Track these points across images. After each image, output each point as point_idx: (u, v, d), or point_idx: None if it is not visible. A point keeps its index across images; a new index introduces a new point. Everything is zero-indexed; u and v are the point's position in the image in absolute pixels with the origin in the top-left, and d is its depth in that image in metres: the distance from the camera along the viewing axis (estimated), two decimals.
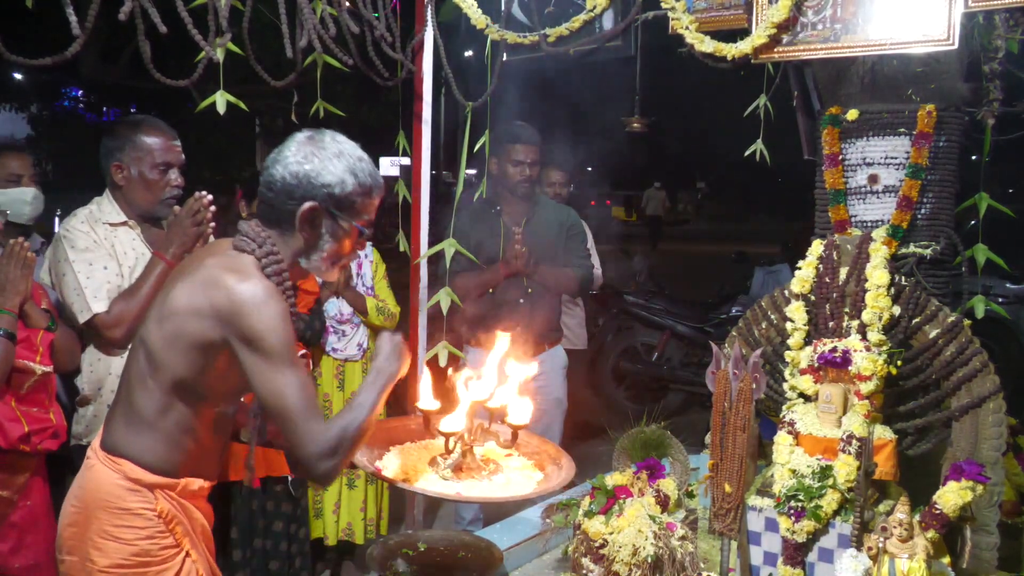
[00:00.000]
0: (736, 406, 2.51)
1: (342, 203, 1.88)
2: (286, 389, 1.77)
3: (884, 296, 2.63)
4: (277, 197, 1.88)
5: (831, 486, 2.48)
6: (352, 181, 1.87)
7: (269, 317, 1.77)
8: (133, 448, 1.89)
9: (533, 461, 2.23)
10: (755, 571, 2.61)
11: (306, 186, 1.85)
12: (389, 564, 2.78)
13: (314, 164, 1.85)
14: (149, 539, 1.88)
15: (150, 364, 1.87)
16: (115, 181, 2.86)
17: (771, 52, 2.69)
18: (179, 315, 1.82)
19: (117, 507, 1.87)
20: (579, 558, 2.50)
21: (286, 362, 1.78)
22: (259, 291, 1.78)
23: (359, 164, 1.89)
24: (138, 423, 1.89)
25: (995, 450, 2.59)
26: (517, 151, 3.97)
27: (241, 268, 1.82)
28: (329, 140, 1.90)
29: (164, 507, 1.90)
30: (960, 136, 2.82)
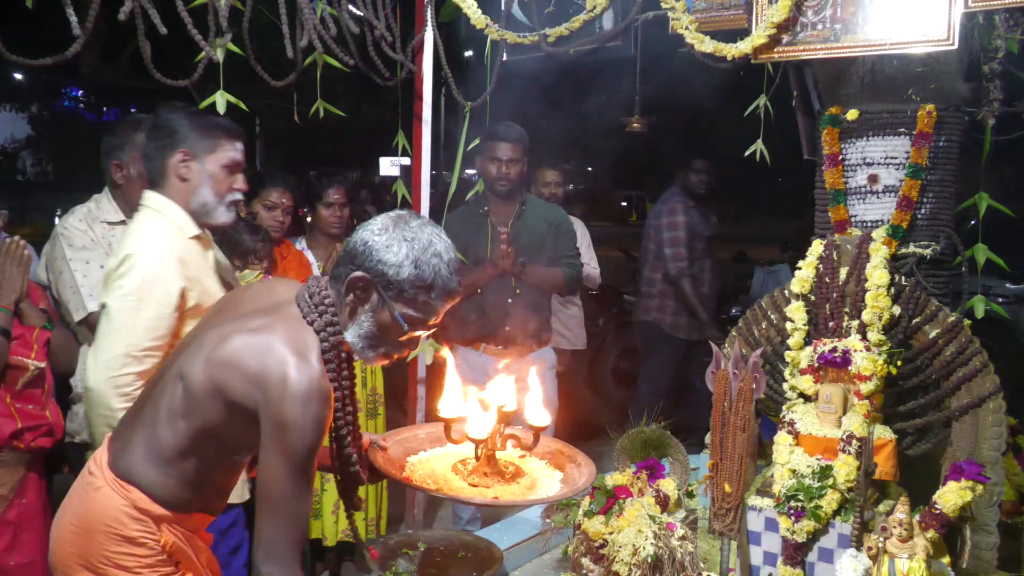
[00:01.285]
0: (736, 406, 2.51)
1: (392, 286, 1.81)
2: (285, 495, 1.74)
3: (884, 296, 2.63)
4: (343, 258, 1.85)
5: (831, 486, 2.48)
6: (410, 270, 1.79)
7: (307, 420, 1.71)
8: (147, 480, 1.85)
9: (547, 460, 2.24)
10: (755, 571, 2.61)
11: (365, 256, 1.80)
12: (390, 564, 2.78)
13: (383, 239, 1.80)
14: (151, 568, 1.85)
15: (185, 404, 1.82)
16: (114, 180, 2.86)
17: (771, 52, 2.69)
18: (228, 368, 1.76)
19: (120, 535, 1.84)
20: (579, 558, 2.49)
21: (300, 467, 1.73)
22: (312, 389, 1.72)
23: (430, 259, 1.81)
24: (157, 457, 1.85)
25: (995, 450, 2.59)
26: (496, 149, 3.92)
27: (303, 348, 1.76)
28: (414, 224, 1.83)
29: (168, 540, 1.87)
30: (960, 136, 2.82)
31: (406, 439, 2.27)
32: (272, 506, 1.73)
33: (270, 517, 1.74)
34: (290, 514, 1.74)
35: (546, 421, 2.15)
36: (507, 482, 2.08)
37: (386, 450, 2.12)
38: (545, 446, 2.25)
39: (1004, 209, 3.20)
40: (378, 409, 4.05)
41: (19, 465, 2.57)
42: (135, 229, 2.48)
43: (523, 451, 2.21)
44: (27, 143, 17.02)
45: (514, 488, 2.08)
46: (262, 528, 1.74)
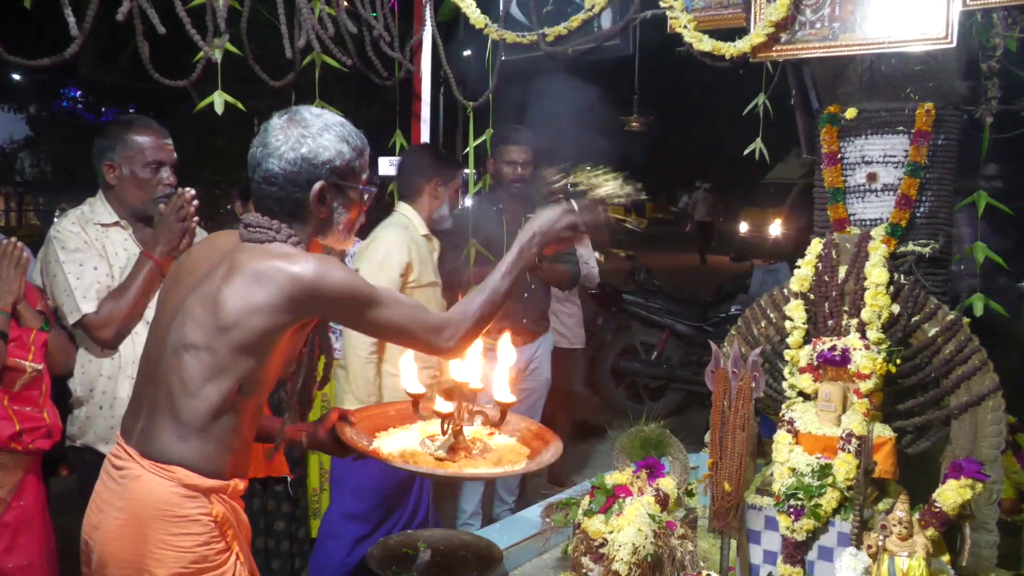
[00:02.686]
0: (735, 405, 2.51)
1: (345, 172, 1.90)
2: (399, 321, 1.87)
3: (883, 294, 2.63)
4: (282, 189, 1.86)
5: (830, 484, 2.48)
6: (347, 148, 1.89)
7: (343, 274, 1.81)
8: (186, 455, 1.84)
9: (516, 437, 2.25)
10: (755, 569, 2.61)
11: (308, 170, 1.85)
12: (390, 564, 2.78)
13: (309, 145, 1.85)
14: (206, 545, 1.84)
15: (212, 369, 1.81)
16: (107, 181, 2.85)
17: (769, 51, 2.69)
18: (242, 317, 1.77)
19: (175, 515, 1.82)
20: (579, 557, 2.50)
21: (381, 298, 1.85)
22: (315, 262, 1.80)
23: (344, 129, 1.92)
24: (188, 431, 1.84)
25: (994, 448, 2.59)
26: (510, 152, 4.08)
27: (280, 253, 1.82)
28: (310, 116, 1.90)
29: (219, 511, 1.87)
30: (959, 134, 2.82)
31: (375, 415, 2.26)
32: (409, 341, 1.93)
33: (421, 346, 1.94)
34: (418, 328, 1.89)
35: (512, 399, 2.15)
36: (474, 458, 2.08)
37: (355, 425, 2.12)
38: (514, 424, 2.26)
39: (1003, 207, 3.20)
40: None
41: (17, 467, 2.57)
42: (387, 222, 3.57)
43: (491, 428, 2.21)
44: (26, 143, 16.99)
45: (480, 463, 2.08)
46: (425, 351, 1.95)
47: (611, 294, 6.98)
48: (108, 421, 2.77)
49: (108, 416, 2.77)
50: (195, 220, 2.85)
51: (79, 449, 2.82)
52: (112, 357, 2.79)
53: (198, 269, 1.92)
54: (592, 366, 6.82)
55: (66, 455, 2.89)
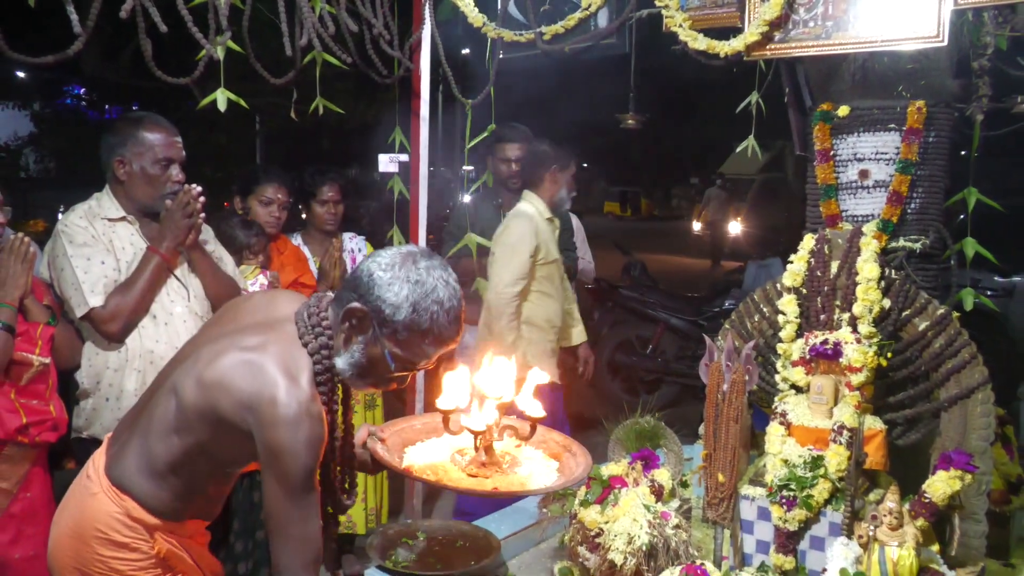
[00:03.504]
0: (729, 397, 2.52)
1: (387, 324, 1.77)
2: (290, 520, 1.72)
3: (874, 289, 2.64)
4: (348, 283, 1.83)
5: (822, 476, 2.49)
6: (407, 313, 1.75)
7: (298, 444, 1.68)
8: (140, 490, 1.84)
9: (543, 450, 2.24)
10: (748, 559, 2.62)
11: (367, 288, 1.77)
12: (389, 553, 2.79)
13: (387, 276, 1.76)
14: (143, 570, 1.85)
15: (178, 420, 1.80)
16: (117, 176, 2.84)
17: (763, 49, 2.69)
18: (220, 389, 1.74)
19: (113, 541, 1.83)
20: (575, 547, 2.50)
21: (298, 490, 1.71)
22: (302, 412, 1.69)
23: (430, 305, 1.76)
24: (149, 469, 1.84)
25: (983, 440, 2.59)
26: (505, 149, 4.08)
27: (293, 370, 1.73)
28: (423, 265, 1.78)
29: (162, 547, 1.86)
30: (949, 132, 2.82)
31: (403, 430, 2.27)
32: (280, 531, 1.73)
33: (281, 542, 1.73)
34: (298, 538, 1.72)
35: (542, 413, 2.15)
36: (504, 472, 2.08)
37: (385, 441, 2.12)
38: (541, 437, 2.25)
39: (993, 203, 3.20)
40: (376, 400, 4.07)
41: (24, 460, 2.57)
42: (517, 210, 4.02)
43: (520, 441, 2.21)
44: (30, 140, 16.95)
45: (511, 478, 2.08)
46: (276, 554, 1.74)
47: (607, 289, 6.98)
48: (114, 413, 2.77)
49: (115, 408, 2.78)
50: (201, 216, 2.86)
51: (85, 441, 2.82)
52: (119, 350, 2.79)
53: (242, 320, 1.89)
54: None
55: (72, 448, 2.89)
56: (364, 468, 2.14)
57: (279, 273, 3.66)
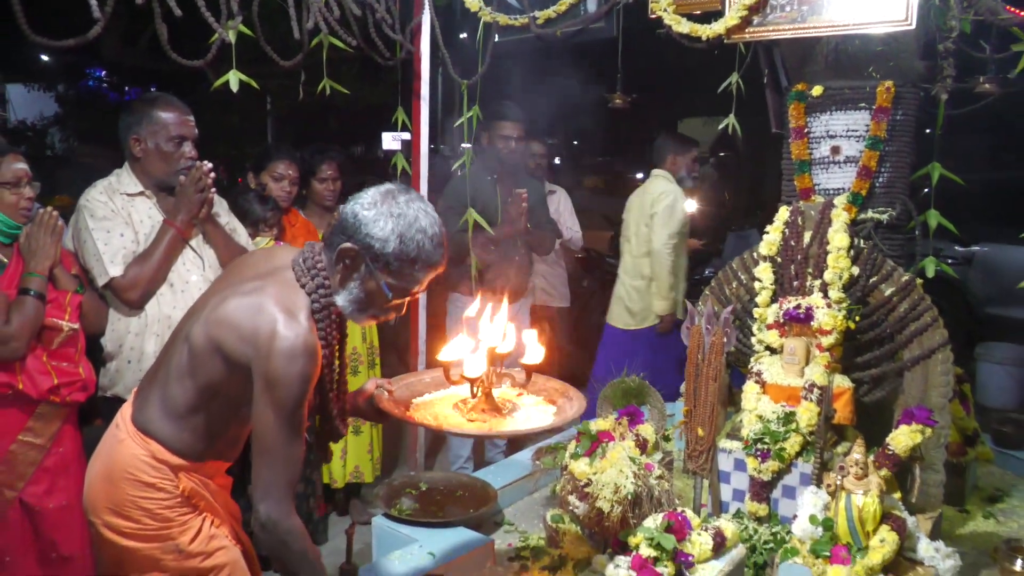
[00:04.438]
0: (708, 358, 2.52)
1: (378, 259, 1.77)
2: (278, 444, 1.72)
3: (844, 257, 2.64)
4: (336, 228, 1.82)
5: (794, 430, 2.51)
6: (395, 245, 1.75)
7: (295, 373, 1.69)
8: (163, 433, 1.86)
9: (543, 397, 2.23)
10: (725, 507, 2.64)
11: (355, 228, 1.77)
12: (394, 502, 2.81)
13: (371, 213, 1.76)
14: (169, 508, 1.87)
15: (190, 363, 1.82)
16: (133, 153, 2.82)
17: (742, 33, 2.66)
18: (224, 327, 1.75)
19: (142, 481, 1.85)
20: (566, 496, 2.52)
21: (289, 417, 1.72)
22: (298, 345, 1.69)
23: (414, 234, 1.76)
24: (171, 413, 1.86)
25: (943, 397, 2.61)
26: (504, 127, 4.04)
27: (292, 307, 1.74)
28: (402, 200, 1.78)
29: (187, 485, 1.88)
30: (916, 110, 2.80)
31: (412, 383, 2.26)
32: (266, 453, 1.73)
33: (265, 462, 1.73)
34: (283, 459, 1.73)
35: (538, 360, 2.13)
36: (504, 417, 2.07)
37: (392, 393, 2.12)
38: (539, 384, 2.24)
39: (955, 178, 3.19)
40: (375, 360, 4.07)
41: (56, 417, 2.57)
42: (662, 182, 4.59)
43: (519, 389, 2.20)
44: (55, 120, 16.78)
45: (510, 421, 2.07)
46: (258, 472, 1.74)
47: (595, 258, 6.97)
48: (136, 374, 2.78)
49: (136, 369, 2.78)
50: (212, 191, 2.83)
51: (110, 399, 2.83)
52: (139, 316, 2.79)
53: (245, 273, 1.88)
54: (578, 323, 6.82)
55: (99, 407, 2.90)
56: (368, 417, 2.14)
57: (291, 244, 3.64)
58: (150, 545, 1.87)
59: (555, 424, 2.05)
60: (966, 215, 6.25)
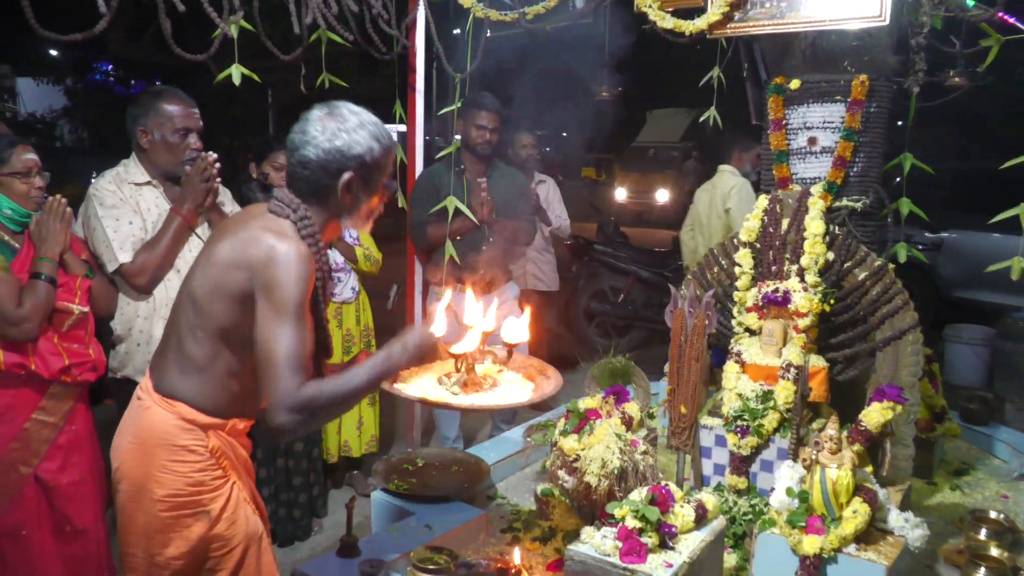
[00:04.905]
0: (691, 339, 2.53)
1: (371, 167, 1.83)
2: (280, 338, 1.69)
3: (820, 243, 2.64)
4: (314, 174, 1.81)
5: (772, 407, 2.52)
6: (377, 147, 1.81)
7: (292, 275, 1.71)
8: (187, 392, 1.85)
9: (522, 374, 2.22)
10: (706, 480, 2.66)
11: (340, 161, 1.79)
12: (392, 478, 2.82)
13: (344, 139, 1.79)
14: (202, 471, 1.86)
15: (197, 315, 1.82)
16: (140, 144, 2.80)
17: (724, 28, 2.65)
18: (220, 268, 1.77)
19: (174, 444, 1.84)
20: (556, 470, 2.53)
21: (290, 317, 1.70)
22: (292, 252, 1.72)
23: (377, 129, 1.84)
24: (190, 369, 1.85)
25: (913, 376, 2.62)
26: (480, 117, 3.86)
27: (280, 230, 1.77)
28: (348, 113, 1.82)
29: (214, 444, 1.88)
30: (889, 103, 2.80)
31: None
32: (272, 364, 1.68)
33: (273, 374, 1.68)
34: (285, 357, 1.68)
35: (518, 339, 2.13)
36: (485, 392, 2.06)
37: None
38: (519, 362, 2.23)
39: (926, 168, 3.20)
40: (371, 342, 4.04)
41: (68, 397, 2.56)
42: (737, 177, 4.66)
43: (499, 366, 2.19)
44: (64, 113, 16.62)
45: (491, 395, 2.06)
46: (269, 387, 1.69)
47: (583, 245, 6.96)
48: (145, 356, 2.77)
49: (145, 351, 2.77)
50: (217, 180, 2.82)
51: (119, 380, 2.82)
52: (147, 300, 2.77)
53: (228, 230, 1.88)
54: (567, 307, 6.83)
55: (109, 388, 2.89)
56: None
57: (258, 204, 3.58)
58: (182, 512, 1.85)
59: (532, 400, 2.04)
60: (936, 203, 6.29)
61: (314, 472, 3.72)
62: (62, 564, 2.53)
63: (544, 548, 2.51)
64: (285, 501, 3.61)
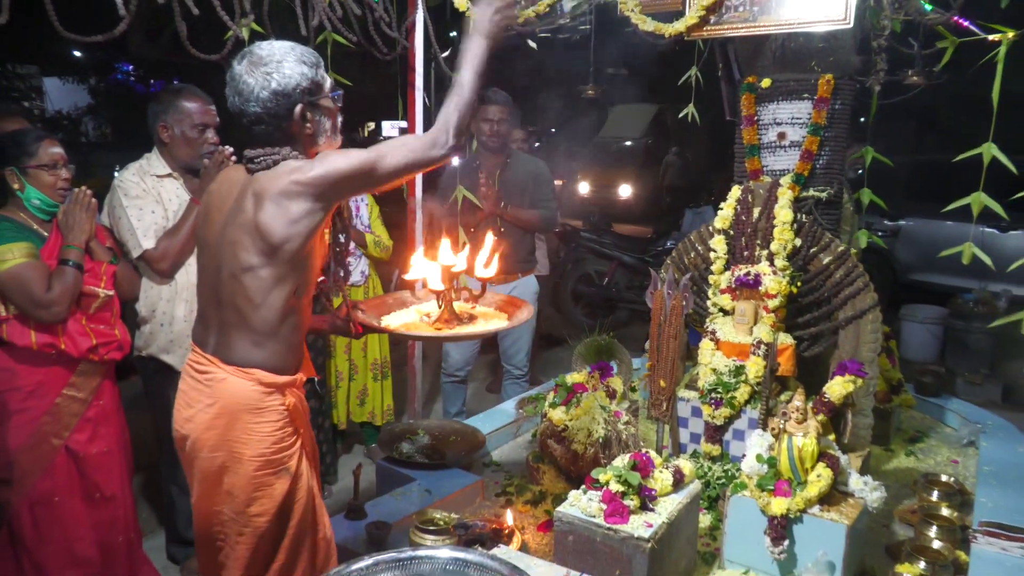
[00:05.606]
0: (670, 319, 2.53)
1: (313, 89, 1.75)
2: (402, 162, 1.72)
3: (788, 230, 2.64)
4: (268, 125, 1.74)
5: (743, 381, 2.53)
6: (307, 68, 1.73)
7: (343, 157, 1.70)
8: (262, 359, 1.81)
9: (494, 307, 2.18)
10: (684, 448, 2.67)
11: (284, 100, 1.72)
12: (396, 447, 2.82)
13: (276, 80, 1.71)
14: (282, 430, 1.83)
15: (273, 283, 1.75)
16: (161, 139, 2.77)
17: (701, 31, 2.63)
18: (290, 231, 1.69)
19: (258, 408, 1.81)
20: (545, 439, 2.54)
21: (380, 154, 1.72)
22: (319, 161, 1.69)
23: (296, 51, 1.74)
24: (262, 337, 1.80)
25: (872, 352, 2.64)
26: (488, 111, 3.82)
27: (290, 168, 1.70)
28: (265, 53, 1.73)
29: (291, 401, 1.85)
30: (852, 100, 2.80)
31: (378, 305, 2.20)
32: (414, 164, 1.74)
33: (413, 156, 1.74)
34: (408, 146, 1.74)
35: (490, 273, 2.07)
36: (464, 325, 2.04)
37: (365, 311, 2.09)
38: (495, 299, 2.19)
39: (885, 160, 3.20)
40: (387, 373, 4.01)
41: (95, 374, 2.55)
42: None
43: (473, 301, 2.15)
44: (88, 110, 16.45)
45: (470, 327, 2.04)
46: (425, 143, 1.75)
47: (571, 232, 6.95)
48: (167, 335, 2.76)
49: (167, 331, 2.76)
50: None
51: (144, 358, 2.80)
52: (169, 284, 2.76)
53: (224, 205, 1.82)
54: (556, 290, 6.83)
55: (134, 365, 2.88)
56: (344, 333, 2.11)
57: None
58: (267, 471, 1.82)
59: (511, 325, 1.99)
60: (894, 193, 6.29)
61: (326, 442, 3.72)
62: (91, 528, 2.54)
63: (535, 510, 2.52)
64: None
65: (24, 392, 2.43)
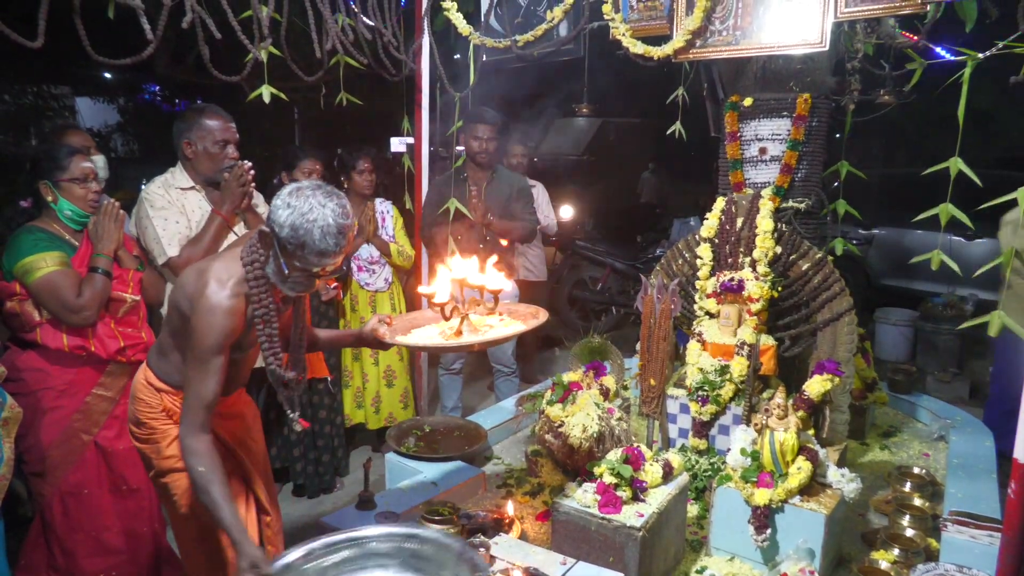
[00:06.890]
0: (659, 322, 2.53)
1: (280, 243, 1.77)
2: (192, 381, 1.78)
3: (769, 239, 2.64)
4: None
5: (728, 380, 2.52)
6: (287, 232, 1.73)
7: (209, 325, 1.74)
8: (154, 366, 2.00)
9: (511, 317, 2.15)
10: (672, 442, 2.66)
11: (271, 215, 1.77)
12: (403, 441, 2.81)
13: (280, 202, 1.75)
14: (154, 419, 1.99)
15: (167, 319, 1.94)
16: (185, 155, 2.77)
17: (687, 53, 2.64)
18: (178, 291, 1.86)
19: (139, 397, 2.00)
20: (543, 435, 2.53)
21: (201, 360, 1.76)
22: (219, 304, 1.75)
23: (303, 223, 1.72)
24: (160, 352, 1.99)
25: (848, 352, 2.64)
26: (478, 129, 3.81)
27: (224, 277, 1.79)
28: (307, 193, 1.75)
29: (166, 403, 1.98)
30: (828, 118, 2.80)
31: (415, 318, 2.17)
32: (188, 387, 1.80)
33: (188, 393, 1.80)
34: (196, 393, 1.78)
35: (502, 286, 2.04)
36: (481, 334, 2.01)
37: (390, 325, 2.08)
38: (511, 308, 2.16)
39: (859, 173, 3.20)
40: (393, 381, 3.99)
41: (123, 374, 2.55)
42: None
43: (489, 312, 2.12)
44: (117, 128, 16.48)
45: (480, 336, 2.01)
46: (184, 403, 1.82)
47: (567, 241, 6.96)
48: None
49: None
50: (252, 185, 2.80)
51: None
52: None
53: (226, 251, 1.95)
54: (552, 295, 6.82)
55: None
56: (371, 345, 2.15)
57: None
58: (149, 446, 2.00)
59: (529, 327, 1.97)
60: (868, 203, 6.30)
61: (338, 437, 3.71)
62: (118, 518, 2.53)
63: (534, 501, 2.51)
64: (312, 459, 3.61)
65: (56, 391, 2.43)
